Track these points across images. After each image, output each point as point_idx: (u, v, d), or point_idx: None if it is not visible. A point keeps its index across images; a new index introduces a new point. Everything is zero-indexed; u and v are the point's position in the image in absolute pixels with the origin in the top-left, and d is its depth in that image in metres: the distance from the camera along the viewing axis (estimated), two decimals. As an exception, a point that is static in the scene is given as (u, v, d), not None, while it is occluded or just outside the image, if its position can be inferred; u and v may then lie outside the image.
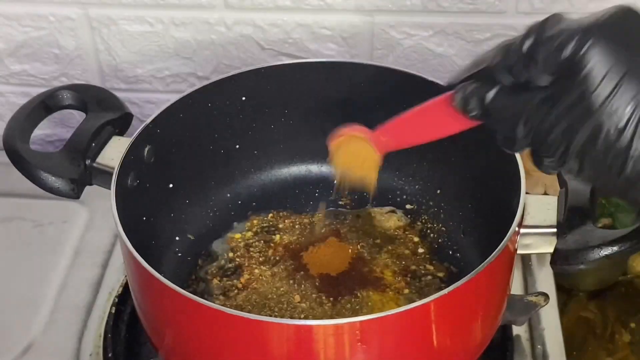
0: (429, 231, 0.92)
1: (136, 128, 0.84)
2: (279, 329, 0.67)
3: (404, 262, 0.88)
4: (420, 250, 0.90)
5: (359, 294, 0.84)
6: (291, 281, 0.85)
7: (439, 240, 0.91)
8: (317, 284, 0.85)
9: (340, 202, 0.95)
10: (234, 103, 0.91)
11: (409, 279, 0.86)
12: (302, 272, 0.86)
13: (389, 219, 0.93)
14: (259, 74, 0.91)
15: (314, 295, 0.84)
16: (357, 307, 0.82)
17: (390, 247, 0.90)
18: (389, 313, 0.66)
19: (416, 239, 0.91)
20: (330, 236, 0.90)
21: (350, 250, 0.89)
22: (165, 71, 1.09)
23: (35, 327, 0.90)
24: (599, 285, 0.97)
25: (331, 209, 0.94)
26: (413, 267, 0.88)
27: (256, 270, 0.87)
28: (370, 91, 0.91)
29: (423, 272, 0.87)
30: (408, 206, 0.94)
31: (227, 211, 0.94)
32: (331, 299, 0.83)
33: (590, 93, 0.56)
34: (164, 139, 0.86)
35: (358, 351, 0.68)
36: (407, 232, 0.92)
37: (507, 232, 0.72)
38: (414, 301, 0.70)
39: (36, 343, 0.89)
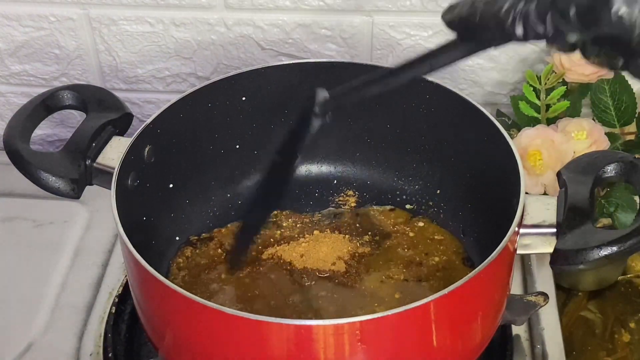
0: (429, 231, 0.92)
1: (136, 128, 0.84)
2: (279, 329, 0.67)
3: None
4: (420, 250, 0.90)
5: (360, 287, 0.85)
6: (290, 279, 0.86)
7: (439, 240, 0.91)
8: (318, 281, 0.85)
9: (340, 201, 0.95)
10: (234, 103, 0.91)
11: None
12: (303, 271, 0.87)
13: (389, 218, 0.93)
14: (259, 74, 0.91)
15: (315, 292, 0.84)
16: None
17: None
18: (389, 313, 0.66)
19: (416, 239, 0.91)
20: (330, 234, 0.91)
21: (349, 248, 0.89)
22: (166, 71, 1.09)
23: (35, 327, 0.90)
24: (598, 285, 0.97)
25: (331, 208, 0.95)
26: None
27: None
28: (370, 91, 0.91)
29: (423, 272, 0.88)
30: (408, 206, 0.94)
31: (227, 211, 0.94)
32: (333, 295, 0.84)
33: None
34: (164, 139, 0.86)
35: (358, 351, 0.68)
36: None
37: (507, 232, 0.72)
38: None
39: (36, 343, 0.89)
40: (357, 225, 0.92)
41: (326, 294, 0.84)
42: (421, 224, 0.92)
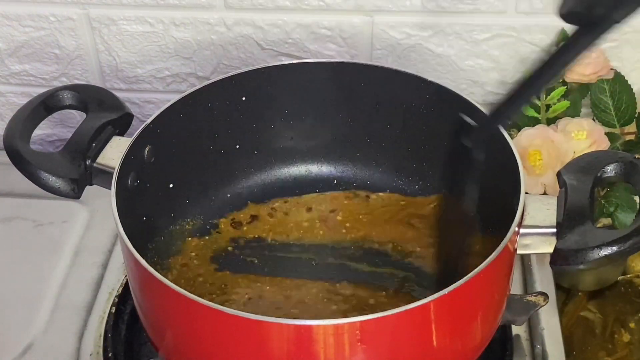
0: (428, 231, 0.92)
1: (136, 128, 0.84)
2: (279, 329, 0.67)
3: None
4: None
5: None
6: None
7: (439, 240, 0.91)
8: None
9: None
10: (234, 103, 0.91)
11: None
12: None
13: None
14: (259, 74, 0.91)
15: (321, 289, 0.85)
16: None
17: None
18: (389, 313, 0.66)
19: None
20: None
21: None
22: (166, 71, 1.09)
23: (35, 327, 0.90)
24: (598, 285, 0.97)
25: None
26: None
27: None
28: (370, 91, 0.91)
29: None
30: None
31: (227, 211, 0.94)
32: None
33: None
34: (164, 139, 0.86)
35: (358, 351, 0.68)
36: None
37: (507, 232, 0.72)
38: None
39: (36, 343, 0.89)
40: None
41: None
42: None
